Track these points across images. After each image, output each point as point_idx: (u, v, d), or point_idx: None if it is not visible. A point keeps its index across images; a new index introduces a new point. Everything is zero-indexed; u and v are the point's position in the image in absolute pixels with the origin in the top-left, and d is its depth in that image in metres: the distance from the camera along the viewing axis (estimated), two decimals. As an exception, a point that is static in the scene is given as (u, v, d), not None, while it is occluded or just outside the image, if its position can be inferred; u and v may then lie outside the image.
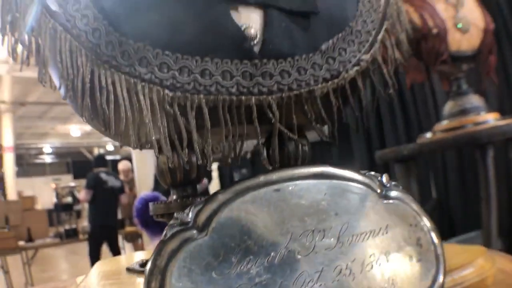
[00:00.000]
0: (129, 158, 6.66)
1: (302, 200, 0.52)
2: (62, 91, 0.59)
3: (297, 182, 0.53)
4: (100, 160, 6.40)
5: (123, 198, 6.08)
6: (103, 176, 5.87)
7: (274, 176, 0.53)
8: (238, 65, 0.57)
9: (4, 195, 11.99)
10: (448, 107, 1.88)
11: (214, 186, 5.42)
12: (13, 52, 0.63)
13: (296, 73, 0.59)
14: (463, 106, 1.83)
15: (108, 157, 7.67)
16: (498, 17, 2.66)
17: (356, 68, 0.64)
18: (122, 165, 6.66)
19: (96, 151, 18.67)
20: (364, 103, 0.68)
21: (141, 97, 0.55)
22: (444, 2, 1.83)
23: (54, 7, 0.58)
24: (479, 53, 1.81)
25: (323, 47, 0.62)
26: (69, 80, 0.57)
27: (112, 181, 5.93)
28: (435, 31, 1.76)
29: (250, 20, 0.59)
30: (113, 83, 0.55)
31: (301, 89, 0.60)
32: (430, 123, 2.40)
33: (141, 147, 0.63)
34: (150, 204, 0.70)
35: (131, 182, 6.66)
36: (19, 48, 0.63)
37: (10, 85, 11.31)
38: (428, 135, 1.90)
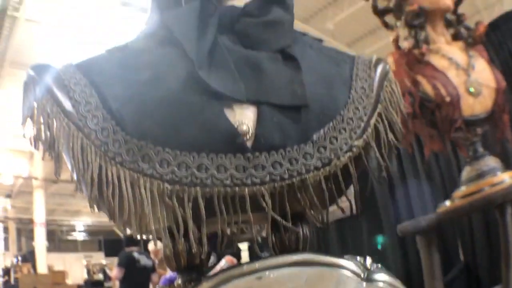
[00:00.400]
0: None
1: (283, 287, 0.54)
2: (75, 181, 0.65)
3: (279, 270, 0.56)
4: (132, 239, 6.42)
5: (154, 277, 6.06)
6: (136, 255, 5.89)
7: (257, 264, 0.56)
8: (232, 159, 0.62)
9: (34, 268, 12.04)
10: (466, 172, 1.86)
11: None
12: (35, 143, 0.69)
13: (287, 164, 0.63)
14: (480, 169, 1.80)
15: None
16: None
17: (348, 154, 0.67)
18: (152, 246, 6.69)
19: (128, 230, 18.69)
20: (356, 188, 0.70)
21: (143, 191, 0.60)
22: (455, 68, 1.85)
23: (68, 107, 0.65)
24: (493, 113, 1.81)
25: (314, 137, 0.66)
26: (79, 173, 0.63)
27: (144, 260, 5.94)
28: (448, 99, 1.77)
29: (244, 117, 0.65)
30: (118, 178, 0.61)
31: (293, 179, 0.63)
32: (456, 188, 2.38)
33: (142, 235, 0.67)
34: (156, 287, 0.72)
35: (162, 262, 6.65)
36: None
37: (42, 162, 11.56)
38: (448, 203, 1.86)
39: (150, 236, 0.62)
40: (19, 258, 13.34)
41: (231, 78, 0.66)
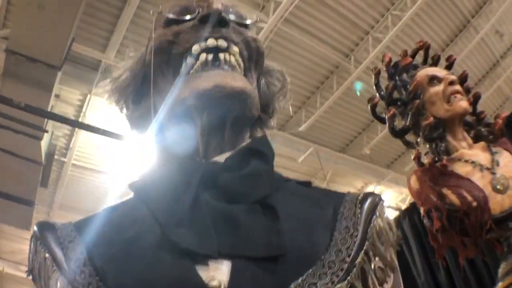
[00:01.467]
0: None
1: None
2: None
3: None
4: None
5: None
6: None
7: None
8: None
9: None
10: (501, 269, 1.76)
11: None
12: None
13: None
14: (514, 262, 1.70)
15: None
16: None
17: None
18: None
19: None
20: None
21: None
22: (479, 170, 1.83)
23: (61, 262, 0.74)
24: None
25: (292, 286, 0.65)
26: None
27: None
28: (474, 204, 1.73)
29: (217, 272, 0.66)
30: None
31: None
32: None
33: None
34: None
35: None
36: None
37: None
38: (487, 304, 1.74)
39: None
40: None
41: (205, 234, 0.68)
